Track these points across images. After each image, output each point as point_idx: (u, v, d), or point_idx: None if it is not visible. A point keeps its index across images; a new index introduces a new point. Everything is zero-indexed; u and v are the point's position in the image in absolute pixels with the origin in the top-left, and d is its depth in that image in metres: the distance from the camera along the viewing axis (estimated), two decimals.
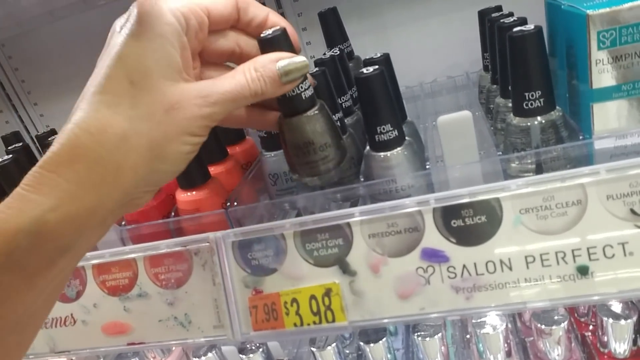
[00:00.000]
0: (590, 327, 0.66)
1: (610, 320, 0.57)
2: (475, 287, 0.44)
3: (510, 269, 0.43)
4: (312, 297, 0.48)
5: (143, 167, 0.34)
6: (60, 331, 0.58)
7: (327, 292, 0.48)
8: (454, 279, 0.44)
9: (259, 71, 0.38)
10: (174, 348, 0.89)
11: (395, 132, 0.50)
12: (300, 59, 0.39)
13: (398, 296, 0.46)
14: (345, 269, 0.47)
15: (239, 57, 0.43)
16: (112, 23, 0.37)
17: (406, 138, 0.52)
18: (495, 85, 0.60)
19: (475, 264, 0.44)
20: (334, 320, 0.47)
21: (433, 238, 0.44)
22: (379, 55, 0.58)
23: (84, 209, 0.33)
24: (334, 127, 0.47)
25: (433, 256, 0.45)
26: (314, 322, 0.48)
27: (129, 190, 0.34)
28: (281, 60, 0.39)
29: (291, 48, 0.42)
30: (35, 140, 1.02)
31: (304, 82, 0.44)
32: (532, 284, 0.42)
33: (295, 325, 0.48)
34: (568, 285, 0.41)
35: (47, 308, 0.37)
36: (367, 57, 0.59)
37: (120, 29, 0.35)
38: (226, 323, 0.51)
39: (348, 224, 0.47)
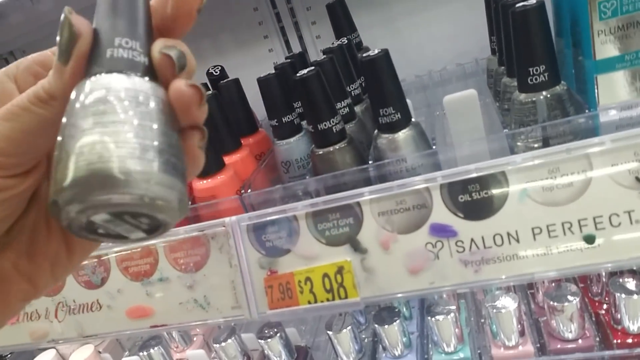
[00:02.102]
0: (604, 306, 0.66)
1: (623, 295, 0.57)
2: (484, 260, 0.45)
3: (518, 241, 0.44)
4: (325, 275, 0.49)
5: None
6: (87, 316, 0.61)
7: (340, 270, 0.49)
8: (462, 253, 0.45)
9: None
10: (195, 339, 0.91)
11: (399, 115, 0.51)
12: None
13: (408, 272, 0.47)
14: (357, 247, 0.49)
15: None
16: None
17: (412, 119, 0.53)
18: (502, 67, 0.61)
19: (483, 238, 0.45)
20: (346, 297, 0.49)
21: (441, 214, 0.46)
22: (377, 51, 0.59)
23: None
24: None
25: (441, 231, 0.46)
26: (327, 299, 0.49)
27: None
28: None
29: None
30: None
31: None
32: (540, 255, 0.43)
33: (309, 302, 0.50)
34: (575, 255, 0.42)
35: None
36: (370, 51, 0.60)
37: None
38: (243, 303, 0.53)
39: (358, 204, 0.48)
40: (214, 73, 0.83)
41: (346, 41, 0.69)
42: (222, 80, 0.73)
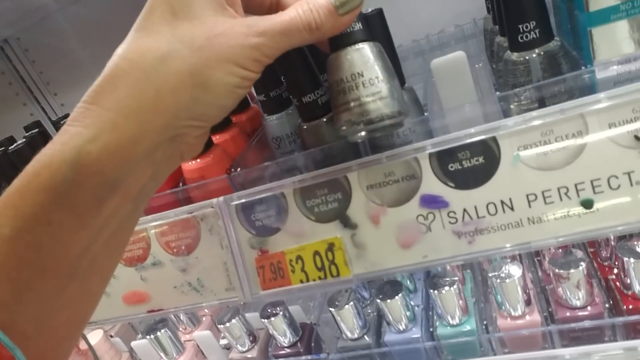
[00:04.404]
0: (615, 271, 0.64)
1: (632, 259, 0.55)
2: (477, 231, 0.43)
3: (512, 209, 0.41)
4: (316, 253, 0.48)
5: (184, 94, 0.32)
6: None
7: (330, 247, 0.48)
8: (455, 224, 0.43)
9: (311, 3, 0.35)
10: (204, 319, 0.92)
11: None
12: None
13: (400, 245, 0.45)
14: (346, 223, 0.47)
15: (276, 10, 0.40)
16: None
17: (405, 85, 0.50)
18: (497, 26, 0.57)
19: (475, 207, 0.43)
20: (338, 275, 0.47)
21: (431, 184, 0.44)
22: (370, 10, 0.56)
23: (126, 138, 0.31)
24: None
25: (432, 202, 0.44)
26: (320, 278, 0.48)
27: (170, 119, 0.33)
28: None
29: None
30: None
31: None
32: (536, 222, 0.41)
33: (301, 281, 0.49)
34: (573, 221, 0.40)
35: (110, 258, 0.36)
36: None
37: None
38: (237, 285, 0.52)
39: (345, 177, 0.46)
40: None
41: None
42: None
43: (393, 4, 0.92)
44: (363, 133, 0.41)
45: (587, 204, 0.39)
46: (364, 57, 0.40)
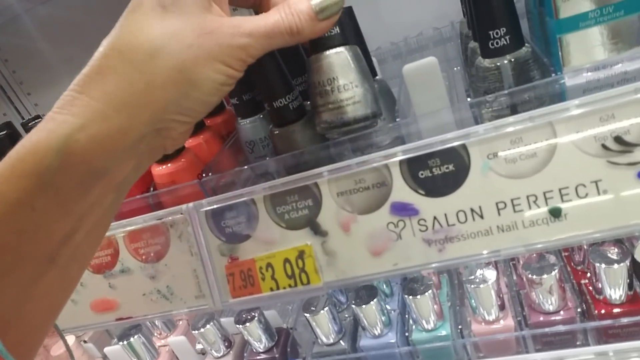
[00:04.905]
0: (588, 275, 0.64)
1: (603, 265, 0.55)
2: (447, 239, 0.42)
3: (482, 217, 0.41)
4: (286, 260, 0.47)
5: (172, 89, 0.33)
6: None
7: (301, 255, 0.47)
8: (425, 232, 0.43)
9: (292, 7, 0.36)
10: (179, 323, 0.90)
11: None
12: None
13: (371, 253, 0.45)
14: (317, 230, 0.46)
15: (259, 6, 0.42)
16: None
17: (377, 77, 0.50)
18: (471, 30, 0.57)
19: (445, 215, 0.42)
20: (308, 282, 0.47)
21: (401, 191, 0.43)
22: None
23: (114, 129, 0.32)
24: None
25: (402, 210, 0.43)
26: (290, 286, 0.47)
27: (158, 113, 0.34)
28: None
29: None
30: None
31: None
32: (505, 230, 0.41)
33: (271, 289, 0.48)
34: (542, 230, 0.40)
35: (91, 246, 0.36)
36: None
37: None
38: (207, 292, 0.51)
39: (316, 184, 0.46)
40: None
41: None
42: None
43: (372, 7, 0.91)
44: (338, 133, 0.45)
45: (556, 213, 0.39)
46: (341, 61, 0.43)
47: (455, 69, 0.73)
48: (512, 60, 0.43)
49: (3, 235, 0.31)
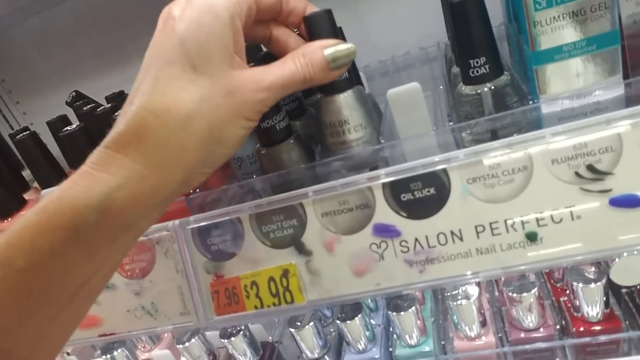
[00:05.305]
0: (567, 292, 0.66)
1: (581, 284, 0.57)
2: (428, 260, 0.43)
3: (462, 239, 0.42)
4: (271, 279, 0.48)
5: (203, 148, 0.36)
6: None
7: (285, 274, 0.48)
8: (407, 253, 0.44)
9: (307, 57, 0.39)
10: (164, 336, 0.90)
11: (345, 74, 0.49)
12: (346, 45, 0.40)
13: (354, 273, 0.46)
14: (301, 249, 0.47)
15: (267, 44, 0.45)
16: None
17: (356, 84, 0.51)
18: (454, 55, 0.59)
19: (426, 237, 0.43)
20: (292, 301, 0.47)
21: (384, 213, 0.44)
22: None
23: (149, 188, 0.34)
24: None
25: (385, 231, 0.44)
26: (274, 304, 0.48)
27: (189, 171, 0.36)
28: (328, 47, 0.40)
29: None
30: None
31: None
32: (484, 253, 0.42)
33: (256, 307, 0.49)
34: (519, 253, 0.41)
35: (104, 283, 0.38)
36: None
37: (180, 12, 0.35)
38: (191, 309, 0.52)
39: (301, 204, 0.47)
40: None
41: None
42: None
43: (361, 25, 0.93)
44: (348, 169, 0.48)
45: (532, 237, 0.40)
46: (351, 104, 0.47)
47: (440, 87, 0.75)
48: (492, 87, 0.44)
49: (32, 282, 0.32)
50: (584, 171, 0.38)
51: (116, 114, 0.56)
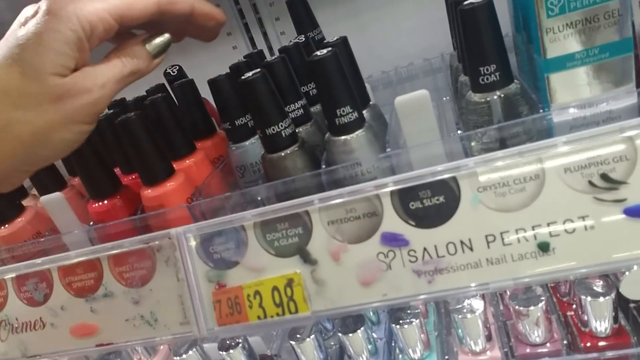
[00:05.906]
0: (574, 307, 0.64)
1: (589, 298, 0.56)
2: (437, 270, 0.42)
3: (471, 249, 0.41)
4: (275, 288, 0.47)
5: (22, 152, 0.37)
6: (30, 335, 0.58)
7: (289, 283, 0.46)
8: (415, 263, 0.43)
9: (130, 52, 0.42)
10: (160, 347, 0.88)
11: (355, 115, 0.49)
12: (163, 37, 0.44)
13: (360, 283, 0.45)
14: (306, 258, 0.46)
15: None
16: None
17: (365, 121, 0.50)
18: (462, 64, 0.58)
19: (435, 247, 0.42)
20: (297, 311, 0.46)
21: (392, 222, 0.43)
22: (336, 38, 0.57)
23: None
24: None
25: (393, 240, 0.43)
26: (277, 314, 0.47)
27: (5, 173, 0.38)
28: (146, 39, 0.43)
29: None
30: None
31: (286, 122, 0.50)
32: (494, 263, 0.41)
33: (259, 317, 0.47)
34: (530, 263, 0.40)
35: None
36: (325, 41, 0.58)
37: (26, 22, 0.37)
38: (192, 319, 0.50)
39: (307, 212, 0.46)
40: (172, 73, 0.80)
41: (303, 39, 0.67)
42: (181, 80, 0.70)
43: (365, 37, 0.93)
44: None
45: (544, 247, 0.39)
46: (362, 144, 0.49)
47: (444, 98, 0.74)
48: (502, 95, 0.43)
49: None
50: (597, 180, 0.37)
51: (118, 119, 0.55)
